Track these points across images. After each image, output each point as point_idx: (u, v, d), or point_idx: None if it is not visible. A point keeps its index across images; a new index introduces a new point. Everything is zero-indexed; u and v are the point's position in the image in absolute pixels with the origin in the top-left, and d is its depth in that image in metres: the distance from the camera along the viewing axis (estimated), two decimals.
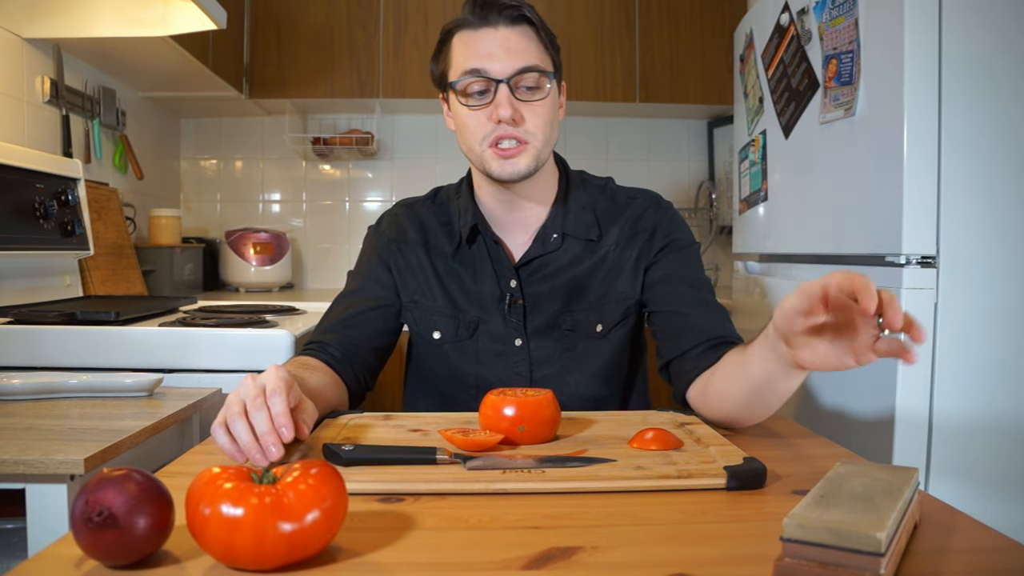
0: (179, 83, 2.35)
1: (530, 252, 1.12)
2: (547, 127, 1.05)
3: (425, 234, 1.16)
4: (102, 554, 0.53)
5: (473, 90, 1.03)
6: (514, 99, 1.02)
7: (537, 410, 0.83)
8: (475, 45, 1.02)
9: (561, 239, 1.12)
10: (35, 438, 0.89)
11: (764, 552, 0.55)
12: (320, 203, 2.93)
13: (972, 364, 1.20)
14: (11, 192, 1.55)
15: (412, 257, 1.15)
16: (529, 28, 1.03)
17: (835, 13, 1.37)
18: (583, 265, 1.13)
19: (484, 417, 0.84)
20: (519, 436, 0.82)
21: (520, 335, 1.12)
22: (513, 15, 1.02)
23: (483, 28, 1.02)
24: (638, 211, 1.15)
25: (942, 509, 0.66)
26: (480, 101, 1.03)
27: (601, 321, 1.12)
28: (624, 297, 1.12)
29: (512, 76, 1.01)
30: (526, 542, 0.58)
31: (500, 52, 1.01)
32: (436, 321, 1.14)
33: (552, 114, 1.06)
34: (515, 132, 1.03)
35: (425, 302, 1.14)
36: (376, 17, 2.57)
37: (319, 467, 0.55)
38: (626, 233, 1.13)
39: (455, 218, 1.16)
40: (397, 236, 1.17)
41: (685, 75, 2.64)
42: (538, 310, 1.12)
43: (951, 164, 1.18)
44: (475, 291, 1.13)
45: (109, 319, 1.32)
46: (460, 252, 1.14)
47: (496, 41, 1.01)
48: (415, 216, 1.18)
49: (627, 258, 1.13)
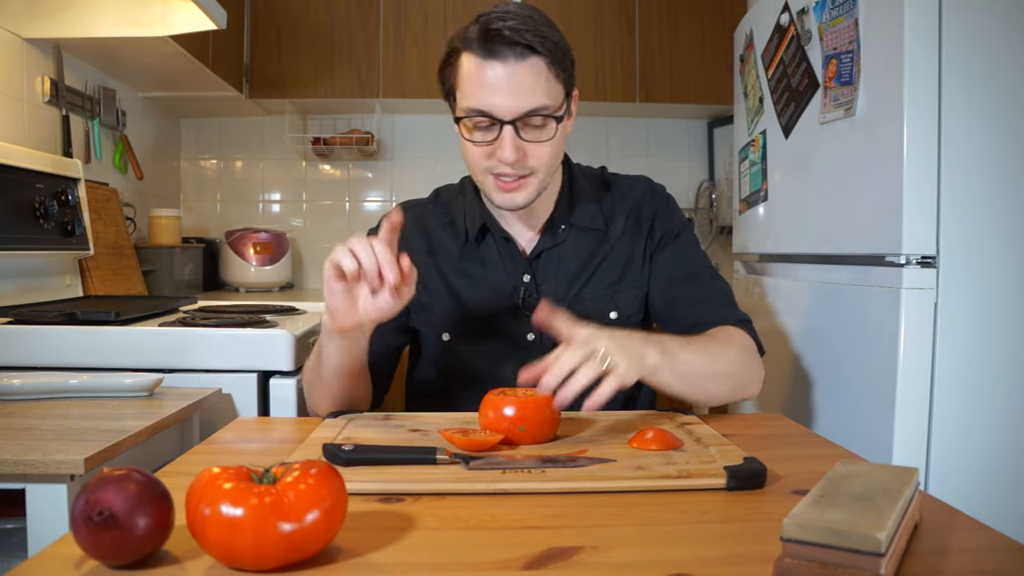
0: (179, 83, 2.35)
1: (540, 245, 1.13)
2: (550, 162, 1.04)
3: (429, 238, 1.16)
4: (102, 554, 0.53)
5: (479, 126, 1.01)
6: (518, 139, 1.00)
7: (537, 410, 0.83)
8: (481, 78, 0.98)
9: (568, 230, 1.14)
10: (35, 438, 0.89)
11: (764, 552, 0.55)
12: (320, 203, 2.93)
13: (972, 364, 1.20)
14: (11, 192, 1.55)
15: (416, 260, 1.14)
16: (539, 61, 0.98)
17: (835, 13, 1.37)
18: (593, 254, 1.14)
19: (484, 417, 0.84)
20: (519, 436, 0.82)
21: (533, 329, 1.12)
22: (521, 49, 0.97)
23: (490, 60, 0.98)
24: (637, 198, 1.18)
25: (942, 509, 0.66)
26: (485, 137, 1.01)
27: (616, 308, 1.14)
28: (638, 285, 1.15)
29: (518, 118, 0.99)
30: (526, 542, 0.58)
31: (506, 90, 0.97)
32: (444, 322, 1.14)
33: (557, 149, 1.05)
34: (517, 171, 1.02)
35: (432, 305, 1.14)
36: (376, 17, 2.57)
37: (319, 467, 0.55)
38: (631, 222, 1.16)
39: (460, 218, 1.15)
40: (400, 242, 1.16)
41: (685, 75, 2.64)
42: (552, 301, 1.12)
43: (951, 164, 1.18)
44: (485, 289, 1.13)
45: (109, 319, 1.32)
46: (467, 251, 1.14)
47: (503, 79, 0.97)
48: (417, 220, 1.17)
49: (636, 247, 1.15)
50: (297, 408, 1.30)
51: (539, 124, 1.00)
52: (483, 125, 1.00)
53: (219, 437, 0.94)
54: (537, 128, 1.01)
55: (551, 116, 1.00)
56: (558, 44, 1.00)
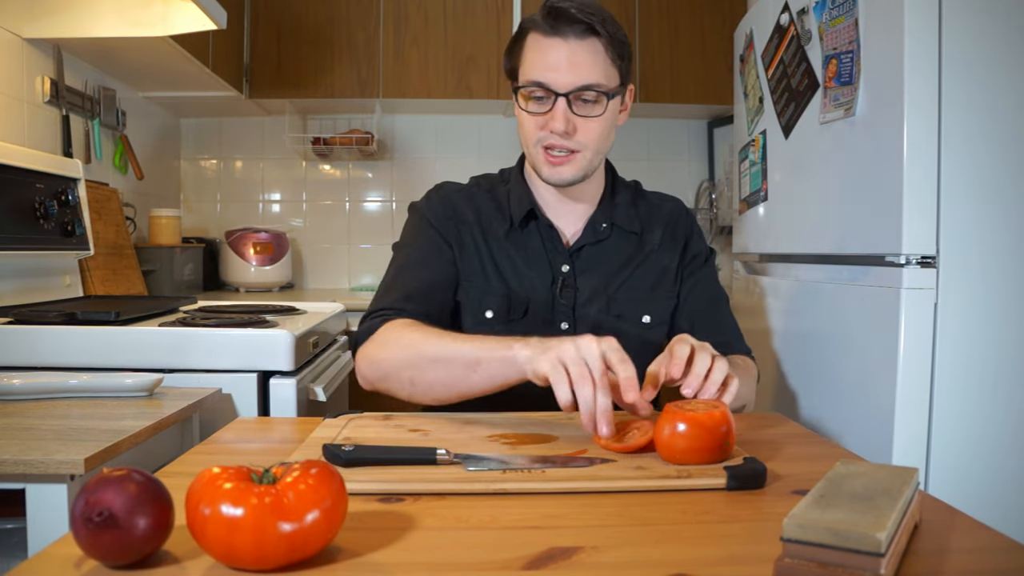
0: (179, 83, 2.35)
1: (583, 238, 1.17)
2: (599, 139, 1.09)
3: (480, 215, 1.18)
4: (102, 554, 0.53)
5: (535, 96, 1.07)
6: (571, 113, 1.05)
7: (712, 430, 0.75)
8: (543, 54, 1.05)
9: (610, 228, 1.18)
10: (35, 438, 0.89)
11: (764, 552, 0.55)
12: (320, 203, 2.93)
13: (972, 364, 1.20)
14: (11, 192, 1.55)
15: (468, 236, 1.17)
16: (598, 41, 1.04)
17: (835, 13, 1.37)
18: (631, 259, 1.18)
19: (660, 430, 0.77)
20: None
21: (567, 318, 1.15)
22: (582, 29, 1.03)
23: (553, 37, 1.04)
24: (672, 215, 1.23)
25: (942, 509, 0.66)
26: (539, 108, 1.07)
27: (650, 313, 1.18)
28: (670, 296, 1.20)
29: (572, 92, 1.04)
30: (526, 542, 0.58)
31: (565, 65, 1.04)
32: (489, 300, 1.16)
33: (607, 127, 1.10)
34: (566, 143, 1.07)
35: (479, 281, 1.16)
36: (376, 17, 2.57)
37: (319, 467, 0.55)
38: (667, 236, 1.21)
39: (505, 202, 1.18)
40: (454, 214, 1.18)
41: (685, 75, 2.64)
42: (588, 295, 1.16)
43: (951, 164, 1.18)
44: (526, 273, 1.16)
45: (109, 319, 1.32)
46: (512, 234, 1.17)
47: (563, 54, 1.04)
48: (468, 197, 1.20)
49: (672, 261, 1.20)
50: (297, 408, 1.30)
51: (592, 99, 1.06)
52: (538, 95, 1.06)
53: (219, 437, 0.94)
54: (590, 103, 1.06)
55: (603, 93, 1.06)
56: (616, 34, 1.06)
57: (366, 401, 1.14)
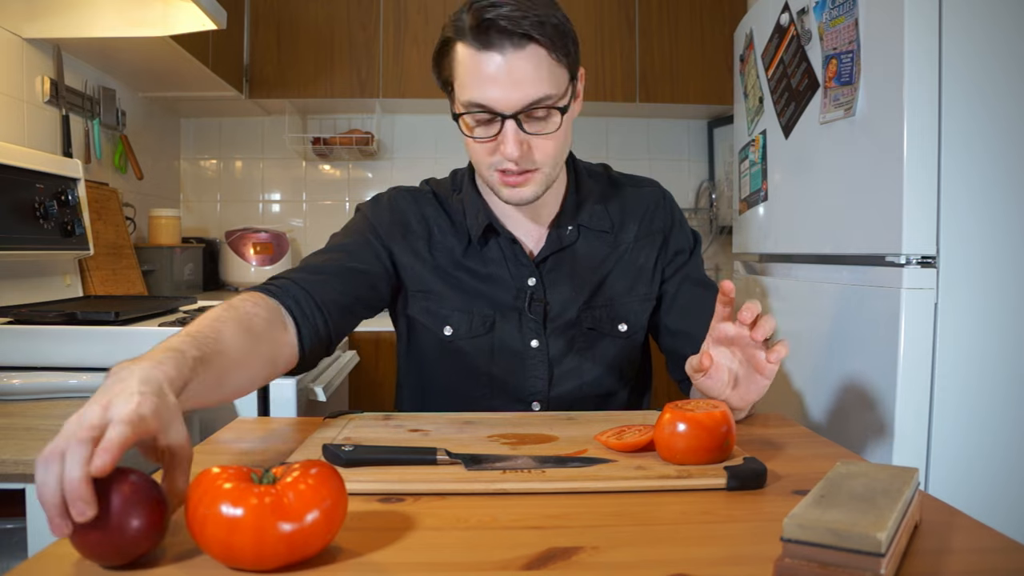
0: (179, 83, 2.35)
1: (547, 247, 1.09)
2: (558, 153, 0.99)
3: (428, 229, 1.11)
4: (93, 555, 0.53)
5: (479, 121, 0.96)
6: (522, 133, 0.94)
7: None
8: (478, 71, 0.92)
9: (577, 231, 1.10)
10: (35, 438, 0.89)
11: (764, 552, 0.54)
12: (320, 203, 2.93)
13: (972, 364, 1.20)
14: (11, 192, 1.55)
15: (416, 247, 1.10)
16: (538, 47, 0.91)
17: (835, 13, 1.37)
18: (604, 260, 1.11)
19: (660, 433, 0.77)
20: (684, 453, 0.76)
21: (538, 336, 1.09)
22: (518, 37, 0.90)
23: (486, 51, 0.91)
24: (649, 206, 1.15)
25: (942, 509, 0.66)
26: (487, 132, 0.96)
27: (626, 321, 1.12)
28: (647, 299, 1.13)
29: (520, 112, 0.93)
30: (526, 542, 0.58)
31: (505, 82, 0.91)
32: (447, 316, 1.09)
33: (563, 140, 0.99)
34: (522, 166, 0.97)
35: (433, 296, 1.10)
36: (376, 17, 2.57)
37: (319, 467, 0.55)
38: (643, 231, 1.14)
39: (460, 216, 1.11)
40: (400, 220, 1.11)
41: (685, 75, 2.64)
42: (559, 309, 1.09)
43: (951, 164, 1.18)
44: (487, 290, 1.09)
45: (109, 319, 1.32)
46: (471, 250, 1.10)
47: (501, 70, 0.91)
48: (417, 208, 1.13)
49: (647, 258, 1.13)
50: (297, 408, 1.30)
51: (542, 116, 0.95)
52: (484, 120, 0.95)
53: (219, 437, 0.94)
54: (540, 120, 0.95)
55: (555, 107, 0.95)
56: (558, 27, 0.93)
57: (366, 401, 1.14)
